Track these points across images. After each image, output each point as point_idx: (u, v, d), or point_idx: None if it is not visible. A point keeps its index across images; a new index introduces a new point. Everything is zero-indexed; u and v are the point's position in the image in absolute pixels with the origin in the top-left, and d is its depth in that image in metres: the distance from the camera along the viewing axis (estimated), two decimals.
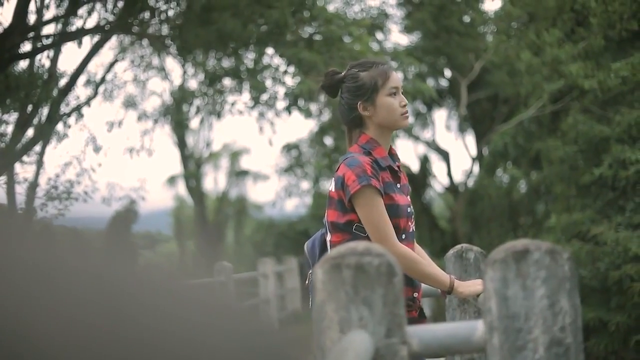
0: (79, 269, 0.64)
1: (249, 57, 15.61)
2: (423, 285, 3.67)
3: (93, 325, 0.58)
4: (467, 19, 20.91)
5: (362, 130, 3.61)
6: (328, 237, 3.55)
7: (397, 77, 3.60)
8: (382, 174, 3.46)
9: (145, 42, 16.84)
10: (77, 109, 13.87)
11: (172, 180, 39.26)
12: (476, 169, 23.37)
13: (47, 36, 13.18)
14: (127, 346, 0.58)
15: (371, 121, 3.57)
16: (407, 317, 3.49)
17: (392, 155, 3.64)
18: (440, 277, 3.43)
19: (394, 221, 3.42)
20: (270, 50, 15.17)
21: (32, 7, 12.29)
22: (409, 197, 3.65)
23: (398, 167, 3.61)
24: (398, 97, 3.56)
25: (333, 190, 3.51)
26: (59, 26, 13.65)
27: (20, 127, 12.60)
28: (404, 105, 3.56)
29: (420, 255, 3.71)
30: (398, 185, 3.56)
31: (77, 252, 0.68)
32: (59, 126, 13.44)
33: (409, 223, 3.56)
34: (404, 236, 3.50)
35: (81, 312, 0.59)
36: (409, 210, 3.55)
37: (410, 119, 24.55)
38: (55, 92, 13.12)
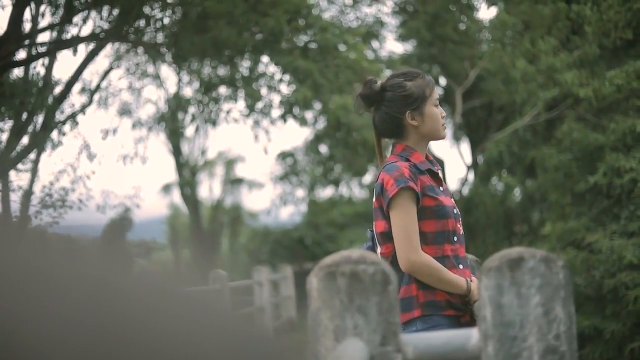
0: (74, 277, 0.64)
1: (244, 65, 15.63)
2: None
3: (89, 332, 0.58)
4: (462, 27, 20.94)
5: (399, 140, 3.61)
6: (378, 250, 3.53)
7: (437, 89, 3.65)
8: (421, 177, 3.48)
9: (140, 50, 16.83)
10: (72, 116, 13.85)
11: (167, 188, 39.22)
12: (471, 177, 23.37)
13: (42, 44, 13.18)
14: (123, 353, 0.58)
15: (415, 131, 3.57)
16: (461, 321, 3.49)
17: (430, 161, 3.65)
18: (459, 283, 3.42)
19: (442, 222, 3.44)
20: (265, 59, 15.20)
21: (27, 15, 12.29)
22: (453, 200, 3.65)
23: (438, 170, 3.63)
24: (440, 108, 3.60)
25: (374, 199, 3.52)
26: (54, 34, 13.65)
27: (15, 134, 12.59)
28: (444, 117, 3.61)
29: None
30: (441, 188, 3.57)
31: (72, 259, 0.68)
32: (54, 134, 13.42)
33: (458, 225, 3.56)
34: (455, 238, 3.52)
35: (77, 319, 0.59)
36: (455, 212, 3.56)
37: None
38: (50, 100, 13.11)
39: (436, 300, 3.38)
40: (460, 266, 3.49)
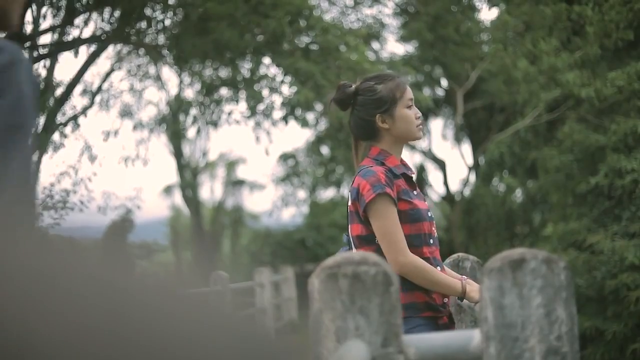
0: (76, 278, 0.64)
1: (246, 67, 15.63)
2: None
3: (90, 334, 0.58)
4: (463, 28, 20.93)
5: (373, 143, 3.63)
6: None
7: (409, 89, 3.66)
8: (397, 181, 3.48)
9: (141, 51, 16.85)
10: (74, 118, 13.88)
11: (168, 190, 39.25)
12: (472, 178, 23.36)
13: (44, 46, 13.20)
14: (125, 354, 0.58)
15: (388, 133, 3.58)
16: (439, 322, 3.50)
17: (405, 165, 3.66)
18: (452, 284, 3.42)
19: (417, 225, 3.46)
20: (267, 60, 15.20)
21: (28, 16, 12.30)
22: (427, 203, 3.67)
23: (413, 174, 3.64)
24: (414, 109, 3.59)
25: (350, 203, 3.54)
26: (56, 36, 13.66)
27: None
28: (419, 117, 3.60)
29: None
30: (415, 192, 3.58)
31: (74, 261, 0.68)
32: (55, 136, 13.44)
33: (433, 228, 3.59)
34: (431, 241, 3.54)
35: (78, 321, 0.59)
36: (430, 215, 3.58)
37: None
38: (51, 102, 13.13)
39: (415, 302, 3.40)
40: (438, 268, 3.51)
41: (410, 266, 3.32)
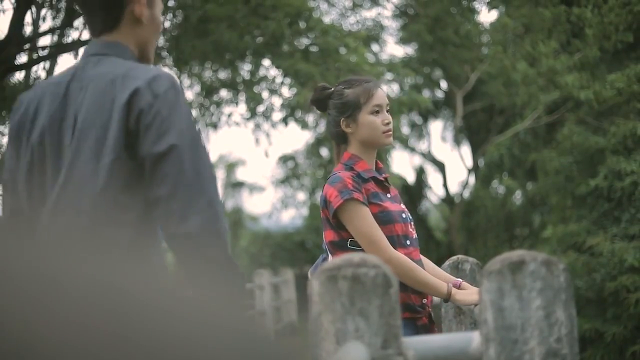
0: (77, 280, 0.64)
1: (246, 69, 15.65)
2: None
3: (92, 335, 0.59)
4: (462, 30, 20.94)
5: (345, 147, 3.65)
6: (330, 259, 3.56)
7: (382, 95, 3.61)
8: (366, 185, 3.49)
9: None
10: None
11: None
12: (472, 180, 23.39)
13: (44, 48, 13.20)
14: (126, 355, 0.59)
15: (354, 138, 3.59)
16: (417, 324, 3.50)
17: (379, 169, 3.66)
18: (437, 285, 3.41)
19: (388, 227, 3.45)
20: (266, 62, 15.21)
21: (28, 18, 12.32)
22: (403, 205, 3.66)
23: (385, 178, 3.63)
24: (381, 115, 3.56)
25: (321, 211, 3.58)
26: (55, 38, 13.67)
27: None
28: (387, 124, 3.56)
29: (426, 264, 3.75)
30: (388, 195, 3.58)
31: (74, 263, 0.68)
32: None
33: (410, 229, 3.58)
34: (408, 242, 3.53)
35: (80, 322, 0.59)
36: (404, 216, 3.57)
37: (406, 130, 24.65)
38: None
39: None
40: None
41: (394, 262, 3.31)
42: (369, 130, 3.56)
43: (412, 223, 3.64)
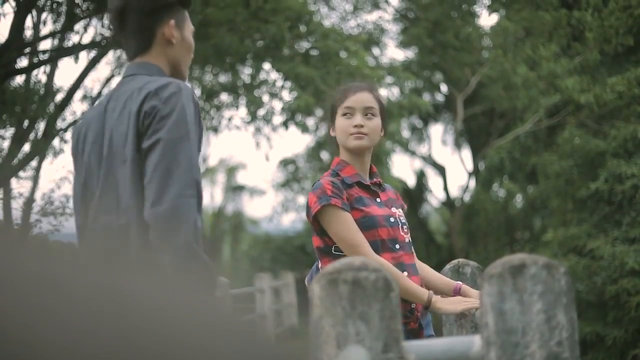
0: (77, 284, 0.64)
1: (246, 72, 15.65)
2: None
3: (93, 339, 0.59)
4: (463, 34, 20.94)
5: (338, 151, 3.67)
6: (319, 264, 3.58)
7: (357, 97, 3.58)
8: (350, 190, 3.50)
9: None
10: (74, 124, 13.87)
11: None
12: (472, 183, 23.38)
13: (44, 51, 13.21)
14: (128, 358, 0.59)
15: (339, 143, 3.60)
16: (406, 328, 3.50)
17: (372, 173, 3.66)
18: (417, 292, 3.40)
19: (371, 232, 3.45)
20: (267, 66, 15.21)
21: (29, 22, 12.32)
22: (398, 209, 3.65)
23: (376, 182, 3.63)
24: (353, 118, 3.54)
25: (307, 217, 3.58)
26: (56, 41, 13.69)
27: (17, 142, 12.61)
28: (355, 126, 3.53)
29: (424, 269, 3.74)
30: (378, 200, 3.58)
31: (74, 267, 0.68)
32: (55, 141, 13.44)
33: (400, 232, 3.55)
34: (397, 246, 3.51)
35: (79, 327, 0.59)
36: (392, 220, 3.54)
37: (406, 134, 24.65)
38: (51, 108, 13.13)
39: None
40: (405, 273, 3.49)
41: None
42: (339, 133, 3.58)
43: (405, 227, 3.61)
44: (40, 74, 13.55)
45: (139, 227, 2.49)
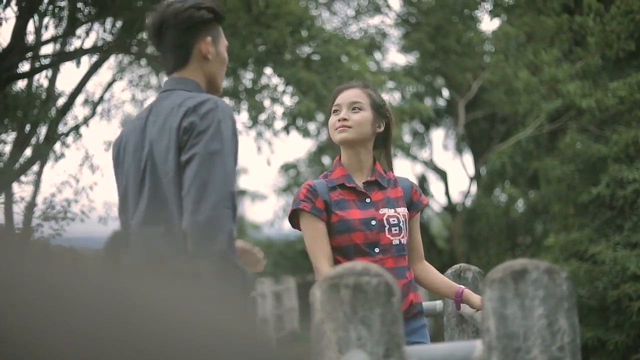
0: (78, 289, 0.64)
1: (248, 77, 15.64)
2: (422, 304, 3.66)
3: (94, 344, 0.59)
4: (464, 39, 20.95)
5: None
6: None
7: (344, 95, 3.61)
8: (333, 192, 3.53)
9: (143, 61, 16.86)
10: (75, 128, 13.87)
11: None
12: (474, 188, 23.37)
13: (46, 56, 13.21)
14: None
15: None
16: None
17: (374, 170, 3.64)
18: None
19: (345, 236, 3.46)
20: (268, 70, 15.20)
21: (30, 27, 12.32)
22: (394, 209, 3.60)
23: (371, 181, 3.61)
24: (337, 114, 3.58)
25: None
26: (58, 46, 13.68)
27: (18, 146, 12.61)
28: (340, 120, 3.55)
29: (428, 271, 3.73)
30: (367, 200, 3.55)
31: (76, 271, 0.68)
32: (57, 146, 13.44)
33: (385, 235, 3.52)
34: (377, 250, 3.48)
35: (81, 331, 0.59)
36: (373, 223, 3.51)
37: (408, 138, 24.65)
38: (53, 112, 13.13)
39: None
40: None
41: (318, 274, 3.39)
42: (329, 131, 3.62)
43: (396, 229, 3.56)
44: (42, 79, 13.55)
45: (183, 238, 2.61)
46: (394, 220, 3.57)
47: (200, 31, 2.92)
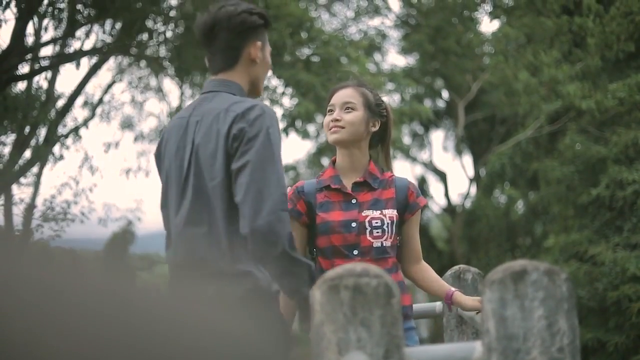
0: (78, 290, 0.64)
1: None
2: (421, 306, 3.67)
3: (93, 344, 0.58)
4: (464, 40, 20.93)
5: None
6: None
7: (339, 94, 3.62)
8: (319, 194, 3.57)
9: (143, 63, 16.87)
10: (75, 130, 13.88)
11: None
12: (474, 189, 23.36)
13: (45, 58, 13.21)
14: None
15: None
16: None
17: (367, 171, 3.63)
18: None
19: (325, 238, 3.49)
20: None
21: (30, 29, 12.32)
22: (380, 211, 3.57)
23: (359, 182, 3.60)
24: (333, 114, 3.58)
25: None
26: (57, 48, 13.68)
27: (18, 148, 12.61)
28: (332, 120, 3.56)
29: (423, 273, 3.72)
30: (353, 202, 3.55)
31: (75, 272, 0.68)
32: (56, 147, 13.44)
33: (365, 238, 3.50)
34: (355, 252, 3.48)
35: (80, 331, 0.59)
36: (353, 225, 3.50)
37: (407, 140, 24.65)
38: (52, 114, 13.14)
39: None
40: None
41: None
42: (325, 131, 3.61)
43: (378, 231, 3.53)
44: (41, 80, 13.56)
45: (228, 240, 2.77)
46: (376, 223, 3.54)
47: (250, 35, 3.04)
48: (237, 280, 2.78)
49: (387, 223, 3.54)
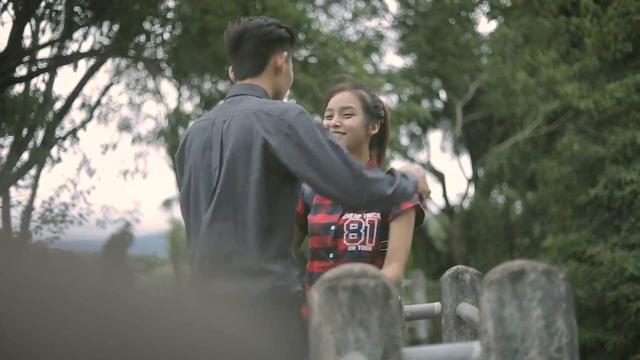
0: (76, 292, 0.64)
1: None
2: (420, 307, 3.66)
3: (91, 347, 0.58)
4: (462, 40, 20.95)
5: None
6: None
7: (336, 98, 3.59)
8: (316, 196, 3.59)
9: (140, 65, 16.87)
10: (73, 132, 13.86)
11: (167, 203, 39.15)
12: (472, 190, 23.39)
13: (43, 60, 13.20)
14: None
15: None
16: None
17: None
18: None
19: (310, 240, 3.53)
20: None
21: (27, 31, 12.30)
22: (360, 215, 3.51)
23: None
24: (332, 120, 3.55)
25: None
26: (55, 50, 13.67)
27: (16, 150, 12.59)
28: (331, 126, 3.52)
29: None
30: (339, 205, 3.51)
31: (74, 275, 0.68)
32: (54, 150, 13.43)
33: (342, 241, 3.46)
34: (331, 255, 3.45)
35: (79, 334, 0.59)
36: (332, 229, 3.46)
37: (405, 141, 24.67)
38: (50, 116, 13.13)
39: None
40: None
41: None
42: None
43: (354, 235, 3.47)
44: (39, 83, 13.54)
45: (257, 236, 2.82)
46: (353, 226, 3.48)
47: (277, 46, 3.16)
48: (258, 279, 2.80)
49: (366, 227, 3.48)
